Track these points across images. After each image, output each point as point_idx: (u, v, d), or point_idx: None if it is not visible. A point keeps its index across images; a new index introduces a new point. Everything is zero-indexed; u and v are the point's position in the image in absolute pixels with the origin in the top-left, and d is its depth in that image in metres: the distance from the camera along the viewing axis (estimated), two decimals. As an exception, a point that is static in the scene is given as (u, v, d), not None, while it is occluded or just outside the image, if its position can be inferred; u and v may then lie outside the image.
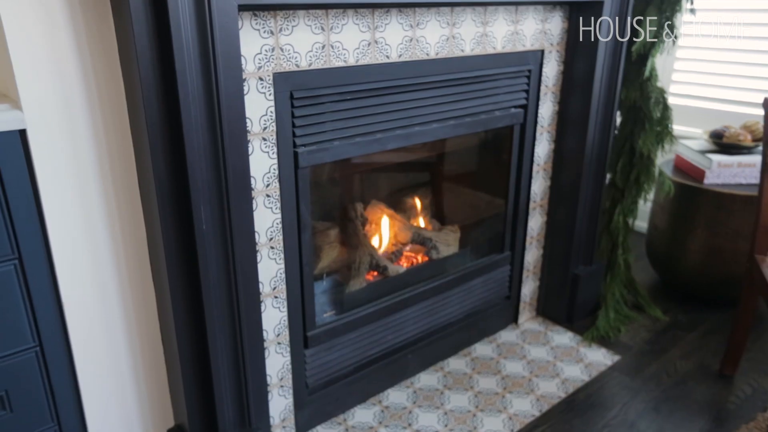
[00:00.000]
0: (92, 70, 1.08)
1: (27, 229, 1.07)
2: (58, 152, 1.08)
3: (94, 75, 1.08)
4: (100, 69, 1.09)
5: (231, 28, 1.08)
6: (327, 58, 1.32)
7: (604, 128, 1.91)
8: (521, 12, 1.66)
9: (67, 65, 1.05)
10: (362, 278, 1.75)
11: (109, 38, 1.08)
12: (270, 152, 1.29)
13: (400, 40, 1.43)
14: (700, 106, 2.55)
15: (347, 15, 1.32)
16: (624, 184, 2.07)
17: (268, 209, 1.33)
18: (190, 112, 1.07)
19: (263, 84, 1.23)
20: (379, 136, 1.47)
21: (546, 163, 1.96)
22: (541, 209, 2.02)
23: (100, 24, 1.07)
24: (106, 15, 1.07)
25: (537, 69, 1.78)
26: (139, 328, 1.31)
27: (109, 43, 1.08)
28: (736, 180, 2.08)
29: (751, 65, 2.38)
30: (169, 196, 1.12)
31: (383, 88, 1.43)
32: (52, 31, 1.02)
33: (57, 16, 1.02)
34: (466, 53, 1.57)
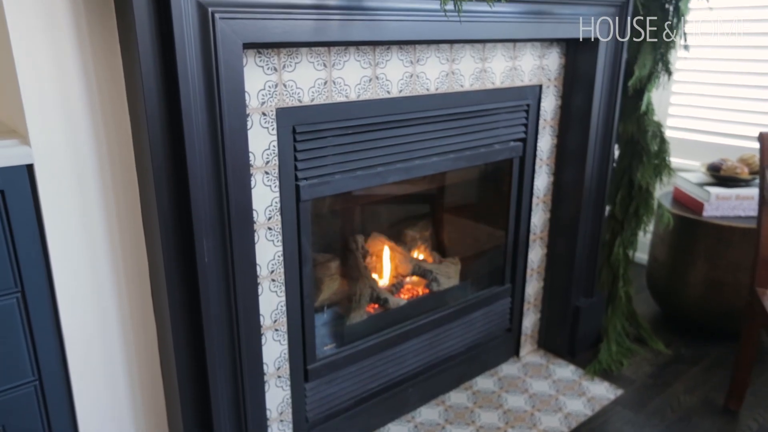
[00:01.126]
0: (99, 107, 1.10)
1: (30, 262, 1.07)
2: (63, 187, 1.09)
3: (102, 111, 1.11)
4: (107, 105, 1.11)
5: (236, 66, 1.11)
6: (329, 94, 1.34)
7: (602, 161, 1.93)
8: (519, 48, 1.70)
9: (75, 102, 1.07)
10: (363, 310, 1.74)
11: (117, 75, 1.11)
12: (272, 186, 1.31)
13: (401, 75, 1.46)
14: (697, 139, 2.58)
15: (349, 52, 1.35)
16: (623, 216, 2.08)
17: (269, 242, 1.34)
18: (195, 146, 1.09)
19: (266, 119, 1.26)
20: (380, 169, 1.49)
21: (545, 195, 1.97)
22: (541, 241, 2.03)
23: (109, 61, 1.09)
24: (115, 52, 1.09)
25: (535, 103, 1.81)
26: (139, 362, 1.31)
27: (117, 80, 1.11)
28: (734, 212, 2.10)
29: (747, 100, 2.41)
30: (172, 229, 1.13)
31: (384, 122, 1.46)
32: (61, 68, 1.04)
33: (67, 55, 1.04)
34: (465, 88, 1.60)
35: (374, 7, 1.25)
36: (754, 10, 2.32)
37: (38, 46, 1.01)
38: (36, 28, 1.00)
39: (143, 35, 1.00)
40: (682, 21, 1.83)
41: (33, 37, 1.00)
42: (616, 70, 1.84)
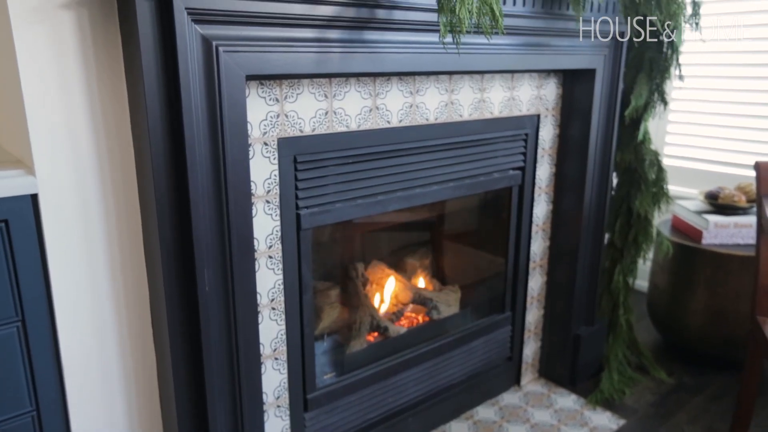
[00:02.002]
0: (104, 138, 1.12)
1: (32, 291, 1.07)
2: (66, 217, 1.10)
3: (106, 142, 1.12)
4: (112, 136, 1.13)
5: (238, 97, 1.13)
6: (330, 124, 1.36)
7: (601, 189, 1.95)
8: (517, 79, 1.72)
9: (81, 133, 1.09)
10: (363, 339, 1.74)
11: (122, 106, 1.13)
12: (273, 214, 1.32)
13: (401, 106, 1.48)
14: (694, 167, 2.60)
15: (350, 83, 1.37)
16: (623, 244, 2.09)
17: (270, 270, 1.35)
18: (197, 176, 1.10)
19: (268, 149, 1.27)
20: (381, 198, 1.51)
21: (545, 223, 1.98)
22: (541, 269, 2.03)
23: (115, 92, 1.11)
24: (120, 83, 1.11)
25: (533, 133, 1.83)
26: (138, 392, 1.30)
27: (122, 111, 1.13)
28: (733, 240, 2.10)
29: (742, 129, 2.44)
30: (173, 258, 1.14)
31: (384, 151, 1.47)
32: (68, 99, 1.06)
33: (74, 86, 1.06)
34: (464, 118, 1.63)
35: (374, 40, 1.28)
36: (747, 42, 2.36)
37: (46, 77, 1.03)
38: (44, 60, 1.02)
39: (149, 68, 1.02)
40: (677, 52, 1.87)
41: (41, 68, 1.02)
42: (612, 100, 1.87)
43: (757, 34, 2.33)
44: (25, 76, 1.01)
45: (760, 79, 2.36)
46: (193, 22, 1.03)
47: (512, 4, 1.48)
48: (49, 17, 1.01)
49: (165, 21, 1.02)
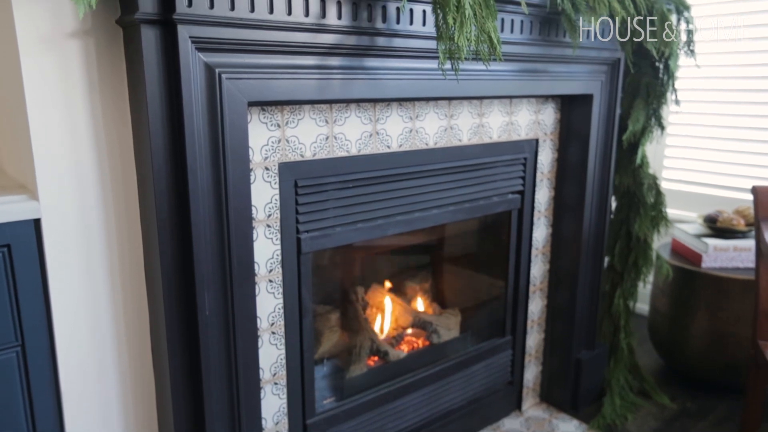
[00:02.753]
0: (108, 164, 1.13)
1: (32, 316, 1.07)
2: (69, 242, 1.11)
3: (110, 168, 1.13)
4: (115, 161, 1.14)
5: (240, 123, 1.15)
6: (330, 149, 1.38)
7: (600, 213, 1.96)
8: (515, 104, 1.75)
9: (85, 157, 1.10)
10: (363, 363, 1.73)
11: (126, 132, 1.14)
12: (274, 238, 1.32)
13: (401, 131, 1.50)
14: (692, 190, 2.62)
15: (350, 108, 1.39)
16: (623, 268, 2.09)
17: (270, 294, 1.35)
18: (199, 201, 1.11)
19: (269, 173, 1.29)
20: (381, 222, 1.51)
21: (544, 246, 1.99)
22: (541, 293, 2.03)
23: (118, 119, 1.13)
24: (124, 111, 1.13)
25: (532, 157, 1.85)
26: (136, 418, 1.29)
27: (125, 137, 1.14)
28: (733, 264, 2.10)
29: (739, 153, 2.46)
30: (174, 283, 1.14)
31: (384, 176, 1.49)
32: (73, 126, 1.07)
33: (79, 113, 1.08)
34: (463, 143, 1.64)
35: (375, 67, 1.30)
36: (743, 68, 2.39)
37: (52, 104, 1.04)
38: (51, 87, 1.04)
39: (153, 95, 1.04)
40: (672, 78, 1.90)
41: (47, 96, 1.04)
42: (610, 125, 1.89)
43: (751, 60, 2.36)
44: (31, 103, 1.02)
45: (756, 104, 2.38)
46: (197, 50, 1.05)
47: (510, 32, 1.51)
48: (57, 46, 1.03)
49: (169, 49, 1.04)
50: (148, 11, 1.00)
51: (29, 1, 0.99)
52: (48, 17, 1.01)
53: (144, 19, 1.00)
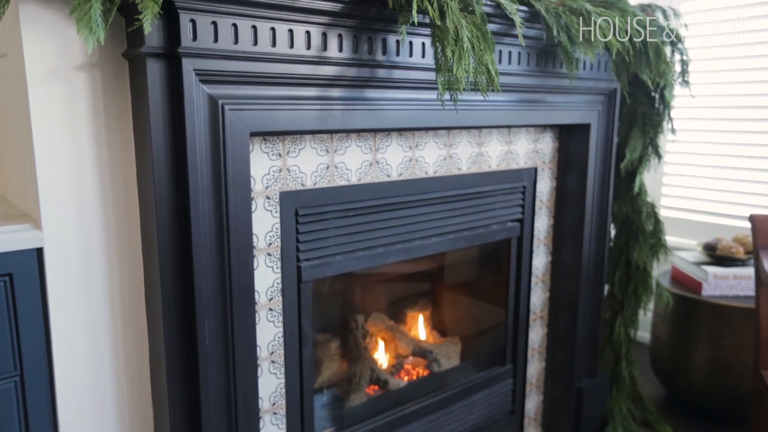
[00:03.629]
0: (111, 194, 1.14)
1: (32, 346, 1.07)
2: (71, 271, 1.11)
3: (113, 198, 1.14)
4: (118, 191, 1.15)
5: (242, 153, 1.16)
6: (331, 178, 1.39)
7: (599, 241, 1.96)
8: (514, 133, 1.77)
9: (88, 187, 1.11)
10: (362, 392, 1.72)
11: (129, 162, 1.15)
12: (274, 267, 1.33)
13: (400, 160, 1.52)
14: (691, 218, 2.63)
15: (350, 138, 1.41)
16: (623, 296, 2.09)
17: (270, 323, 1.35)
18: (200, 230, 1.12)
19: (270, 202, 1.30)
20: (381, 250, 1.52)
21: (544, 274, 1.99)
22: (542, 321, 2.02)
23: (123, 150, 1.14)
24: (129, 141, 1.15)
25: (531, 185, 1.87)
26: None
27: (129, 167, 1.15)
28: (733, 292, 2.10)
29: (737, 181, 2.48)
30: (175, 312, 1.14)
31: (384, 204, 1.50)
32: (77, 156, 1.09)
33: (84, 144, 1.09)
34: (462, 171, 1.66)
35: (375, 98, 1.32)
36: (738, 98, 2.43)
37: (58, 135, 1.06)
38: (57, 118, 1.05)
39: (157, 126, 1.06)
40: (668, 108, 1.93)
41: (53, 126, 1.05)
42: (607, 153, 1.91)
43: (747, 90, 2.40)
44: (37, 134, 1.04)
45: (753, 133, 2.41)
46: (201, 82, 1.08)
47: (508, 63, 1.53)
48: (64, 78, 1.05)
49: (174, 81, 1.06)
50: (154, 45, 1.02)
51: (39, 35, 1.01)
52: (56, 50, 1.03)
53: (150, 52, 1.02)
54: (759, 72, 2.34)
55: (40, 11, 1.00)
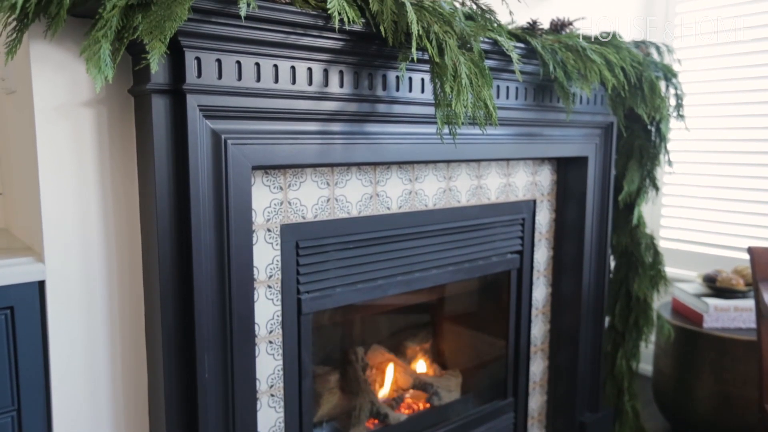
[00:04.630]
0: (114, 227, 1.15)
1: (30, 380, 1.07)
2: (72, 304, 1.11)
3: (116, 231, 1.15)
4: (121, 224, 1.16)
5: (244, 186, 1.18)
6: (332, 210, 1.41)
7: (599, 272, 1.97)
8: (512, 166, 1.79)
9: (92, 221, 1.12)
10: (362, 426, 1.70)
11: (133, 195, 1.17)
12: (274, 299, 1.33)
13: (400, 192, 1.53)
14: (690, 249, 2.63)
15: (351, 171, 1.43)
16: (624, 328, 2.08)
17: (270, 356, 1.34)
18: (202, 263, 1.13)
19: (271, 235, 1.31)
20: (381, 282, 1.52)
21: (544, 306, 1.99)
22: (543, 353, 2.01)
23: (126, 182, 1.16)
24: (132, 175, 1.16)
25: (530, 217, 1.88)
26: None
27: (132, 201, 1.17)
28: (735, 324, 2.09)
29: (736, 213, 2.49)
30: (175, 344, 1.14)
31: (384, 237, 1.51)
32: (82, 190, 1.10)
33: (88, 177, 1.11)
34: (462, 204, 1.67)
35: (375, 132, 1.35)
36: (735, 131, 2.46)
37: (63, 170, 1.08)
38: (63, 154, 1.07)
39: (160, 160, 1.07)
40: (665, 141, 1.95)
41: (59, 162, 1.07)
42: (605, 186, 1.93)
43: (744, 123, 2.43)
44: (43, 168, 1.06)
45: (750, 165, 2.43)
46: (205, 117, 1.10)
47: (506, 98, 1.56)
48: (71, 114, 1.07)
49: (178, 117, 1.08)
50: (160, 82, 1.04)
51: (48, 72, 1.04)
52: (64, 87, 1.06)
53: (155, 89, 1.04)
54: (755, 105, 2.38)
55: (50, 50, 1.03)
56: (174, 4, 0.90)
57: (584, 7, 2.10)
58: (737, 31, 2.33)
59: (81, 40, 1.05)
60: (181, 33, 1.02)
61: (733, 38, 2.36)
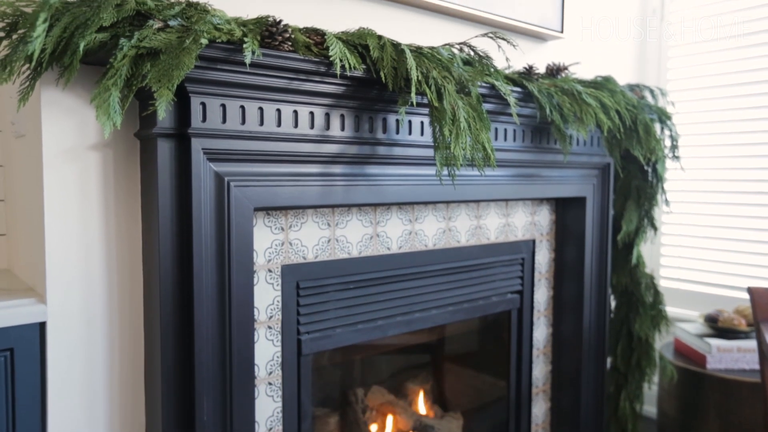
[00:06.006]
0: (117, 269, 1.16)
1: (28, 422, 1.06)
2: (72, 346, 1.11)
3: (118, 273, 1.16)
4: (124, 266, 1.17)
5: (246, 227, 1.19)
6: (332, 251, 1.42)
7: (599, 312, 1.96)
8: (511, 206, 1.81)
9: (94, 263, 1.13)
10: (362, 471, 1.66)
11: (136, 236, 1.18)
12: (274, 340, 1.33)
13: (400, 233, 1.54)
14: (691, 289, 2.63)
15: (351, 212, 1.45)
16: (626, 369, 2.06)
17: (269, 397, 1.33)
18: (203, 304, 1.13)
19: (272, 275, 1.32)
20: (381, 323, 1.52)
21: (545, 347, 1.97)
22: (545, 394, 1.99)
23: (130, 225, 1.17)
24: (136, 217, 1.18)
25: (530, 257, 1.89)
26: None
27: (135, 242, 1.18)
28: (738, 365, 2.07)
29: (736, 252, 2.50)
30: (174, 386, 1.13)
31: (385, 277, 1.52)
32: (86, 233, 1.11)
33: (93, 220, 1.12)
34: (462, 244, 1.69)
35: (375, 173, 1.37)
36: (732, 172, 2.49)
37: (68, 212, 1.09)
38: (69, 197, 1.09)
39: (164, 202, 1.09)
40: (662, 181, 1.98)
41: (65, 205, 1.09)
42: (604, 225, 1.95)
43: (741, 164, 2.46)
44: (49, 210, 1.07)
45: (749, 205, 2.45)
46: (208, 160, 1.12)
47: (504, 140, 1.60)
48: (78, 157, 1.09)
49: (182, 159, 1.10)
50: (166, 126, 1.07)
51: (57, 117, 1.06)
52: (73, 131, 1.08)
53: (161, 133, 1.07)
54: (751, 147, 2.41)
55: (61, 95, 1.06)
56: (182, 53, 0.93)
57: (579, 52, 2.16)
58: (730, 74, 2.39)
59: (89, 86, 1.09)
60: (187, 79, 1.05)
61: (725, 81, 2.42)
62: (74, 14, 0.93)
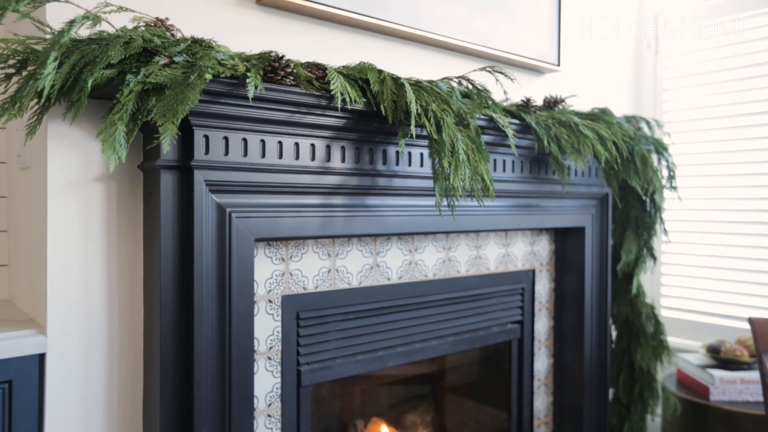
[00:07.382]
0: (117, 300, 1.16)
1: (24, 454, 1.05)
2: (71, 378, 1.11)
3: (119, 304, 1.16)
4: (125, 296, 1.17)
5: (247, 258, 1.20)
6: (332, 281, 1.42)
7: (600, 342, 1.95)
8: (511, 236, 1.82)
9: (95, 294, 1.13)
10: (362, 506, 1.63)
11: (137, 266, 1.19)
12: (274, 371, 1.32)
13: (400, 263, 1.55)
14: (692, 319, 2.61)
15: (352, 242, 1.46)
16: (629, 400, 2.04)
17: (268, 430, 1.32)
18: (203, 335, 1.13)
19: (272, 306, 1.32)
20: (381, 353, 1.52)
21: (547, 378, 1.96)
22: (546, 427, 1.96)
23: (132, 256, 1.18)
24: (138, 247, 1.19)
25: (530, 287, 1.89)
26: None
27: (136, 272, 1.19)
28: (742, 397, 2.05)
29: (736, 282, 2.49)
30: (172, 417, 1.12)
31: (385, 307, 1.52)
32: (88, 265, 1.12)
33: (95, 252, 1.13)
34: (461, 274, 1.69)
35: (375, 204, 1.38)
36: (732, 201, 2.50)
37: (71, 242, 1.10)
38: (71, 229, 1.10)
39: (166, 232, 1.10)
40: (660, 211, 1.99)
41: (68, 237, 1.10)
42: (603, 255, 1.95)
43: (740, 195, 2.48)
44: (52, 242, 1.08)
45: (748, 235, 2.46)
46: (210, 192, 1.13)
47: (502, 171, 1.61)
48: (82, 189, 1.11)
49: (185, 191, 1.12)
50: (169, 159, 1.09)
51: (63, 150, 1.08)
52: (77, 164, 1.10)
53: (164, 165, 1.09)
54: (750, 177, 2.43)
55: (66, 129, 1.08)
56: (187, 89, 0.95)
57: (575, 84, 2.20)
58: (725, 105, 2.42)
59: (95, 119, 1.11)
60: (191, 113, 1.07)
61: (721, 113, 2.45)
62: (83, 52, 0.95)
